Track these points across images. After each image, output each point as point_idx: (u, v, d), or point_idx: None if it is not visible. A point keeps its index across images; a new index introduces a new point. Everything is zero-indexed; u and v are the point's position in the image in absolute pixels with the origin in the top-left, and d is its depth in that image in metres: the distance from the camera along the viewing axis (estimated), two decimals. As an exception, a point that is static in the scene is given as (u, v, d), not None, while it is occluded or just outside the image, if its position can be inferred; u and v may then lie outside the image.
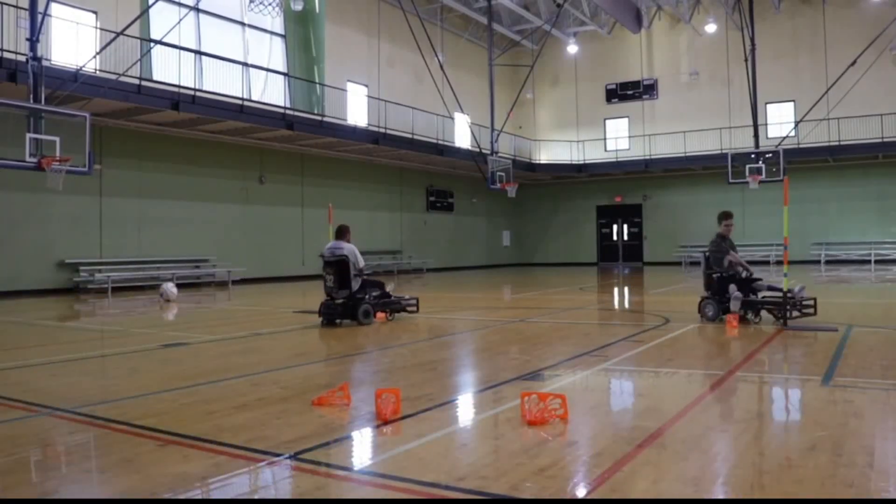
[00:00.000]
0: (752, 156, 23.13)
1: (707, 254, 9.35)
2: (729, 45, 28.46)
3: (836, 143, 26.76)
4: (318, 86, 23.25)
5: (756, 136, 23.35)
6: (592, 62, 33.14)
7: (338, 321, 9.61)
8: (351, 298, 9.63)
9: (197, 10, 19.60)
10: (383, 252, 26.81)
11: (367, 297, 9.76)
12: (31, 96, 12.85)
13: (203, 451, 3.76)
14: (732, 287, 8.87)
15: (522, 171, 29.72)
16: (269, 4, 20.02)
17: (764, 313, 8.90)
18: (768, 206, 27.33)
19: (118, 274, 17.90)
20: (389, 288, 10.44)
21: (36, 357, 7.67)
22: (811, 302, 8.65)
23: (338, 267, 9.67)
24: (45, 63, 13.47)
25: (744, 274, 9.15)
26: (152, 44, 17.81)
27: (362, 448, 4.01)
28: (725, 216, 9.60)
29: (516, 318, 10.59)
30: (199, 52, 19.59)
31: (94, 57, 14.79)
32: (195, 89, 18.16)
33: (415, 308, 10.51)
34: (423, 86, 25.33)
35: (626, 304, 14.01)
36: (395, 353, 7.51)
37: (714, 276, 9.17)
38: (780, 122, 28.19)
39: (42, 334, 10.23)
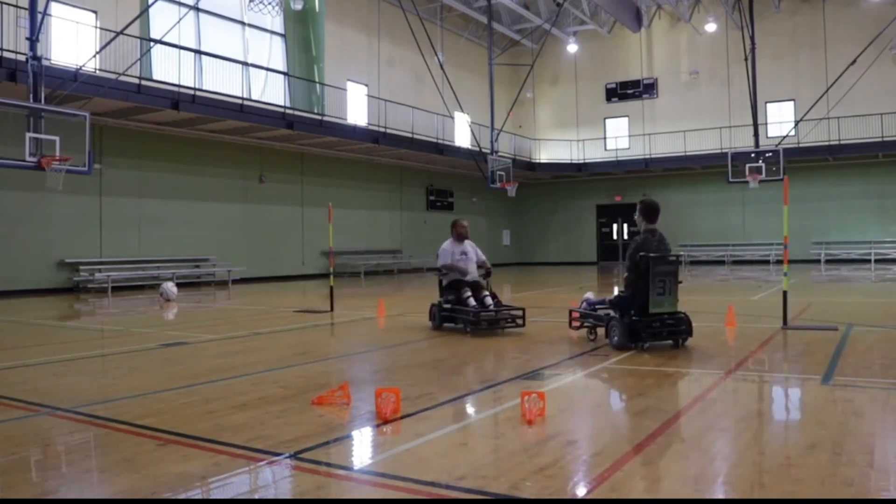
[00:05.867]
0: (752, 155, 23.11)
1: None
2: (729, 44, 28.44)
3: (836, 143, 26.75)
4: (317, 85, 23.24)
5: (756, 135, 23.33)
6: (592, 61, 33.13)
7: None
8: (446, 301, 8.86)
9: (197, 9, 19.59)
10: (383, 251, 26.83)
11: (442, 301, 8.86)
12: (31, 96, 12.83)
13: (203, 450, 3.76)
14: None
15: (522, 170, 29.71)
16: (269, 4, 19.98)
17: None
18: (768, 205, 27.31)
19: (118, 273, 17.90)
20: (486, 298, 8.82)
21: (36, 357, 7.67)
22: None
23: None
24: (44, 62, 13.45)
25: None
26: (152, 43, 17.80)
27: (362, 447, 4.01)
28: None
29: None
30: (199, 52, 19.59)
31: (94, 56, 14.77)
32: (195, 89, 18.15)
33: (516, 322, 8.58)
34: (423, 85, 25.32)
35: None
36: (394, 353, 7.51)
37: None
38: (780, 121, 28.17)
39: (42, 334, 10.23)
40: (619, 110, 32.81)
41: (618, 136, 32.68)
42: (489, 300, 8.64)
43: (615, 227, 33.54)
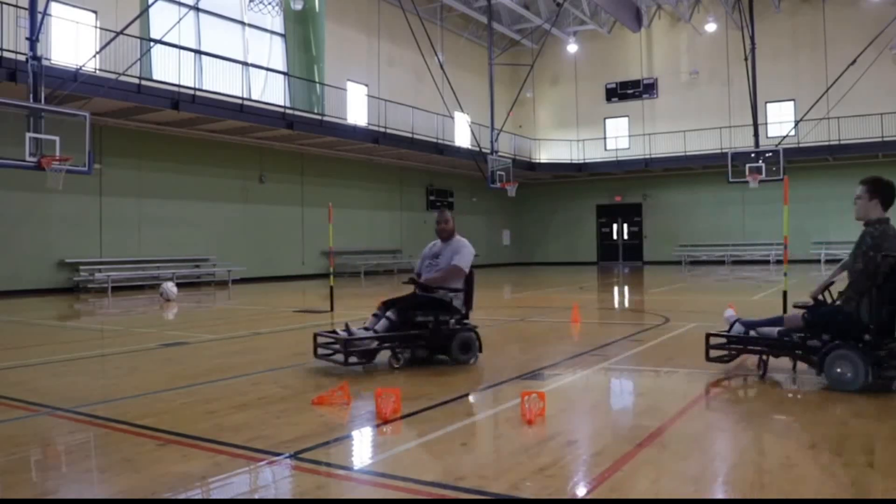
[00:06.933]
0: (752, 155, 23.12)
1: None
2: (729, 44, 28.44)
3: (836, 143, 26.75)
4: (317, 85, 23.25)
5: (756, 135, 23.34)
6: (592, 61, 33.13)
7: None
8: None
9: (197, 9, 19.59)
10: (383, 251, 26.83)
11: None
12: (31, 96, 12.84)
13: (203, 450, 3.76)
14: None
15: (522, 170, 29.71)
16: (269, 4, 19.98)
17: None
18: (768, 205, 27.32)
19: (118, 273, 17.90)
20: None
21: (36, 356, 7.67)
22: None
23: None
24: (44, 62, 13.46)
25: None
26: (152, 43, 17.80)
27: (362, 447, 4.01)
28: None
29: (516, 318, 10.58)
30: (198, 52, 19.58)
31: (94, 56, 14.77)
32: (195, 89, 18.15)
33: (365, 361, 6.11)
34: (423, 85, 25.32)
35: (627, 304, 14.00)
36: (395, 353, 7.49)
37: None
38: (780, 121, 28.18)
39: (42, 334, 10.22)
40: (619, 110, 32.80)
41: (618, 136, 32.67)
42: (385, 321, 6.12)
43: (615, 227, 33.54)
